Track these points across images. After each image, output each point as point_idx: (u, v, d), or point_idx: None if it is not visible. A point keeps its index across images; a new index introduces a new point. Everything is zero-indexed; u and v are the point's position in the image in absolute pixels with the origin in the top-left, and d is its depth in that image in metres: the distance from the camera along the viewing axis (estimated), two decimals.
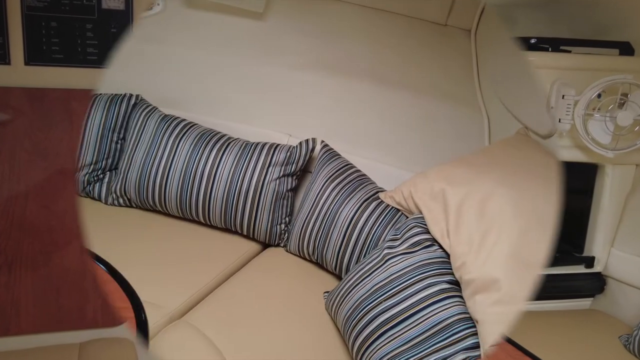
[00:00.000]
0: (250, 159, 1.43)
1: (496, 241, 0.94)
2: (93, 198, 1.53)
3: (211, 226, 1.52)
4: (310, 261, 1.45)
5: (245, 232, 1.49)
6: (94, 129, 1.50)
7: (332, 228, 1.33)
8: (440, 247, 1.04)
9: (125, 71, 1.61)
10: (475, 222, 0.99)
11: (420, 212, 1.14)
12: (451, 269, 0.99)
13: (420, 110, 1.52)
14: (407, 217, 1.25)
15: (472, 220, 1.00)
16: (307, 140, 1.48)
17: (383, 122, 1.56)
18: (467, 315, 0.91)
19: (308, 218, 1.39)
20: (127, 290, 0.88)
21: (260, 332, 1.12)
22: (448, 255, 1.02)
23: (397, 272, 1.02)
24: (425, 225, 1.09)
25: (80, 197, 1.53)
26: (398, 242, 1.09)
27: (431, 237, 1.06)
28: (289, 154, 1.46)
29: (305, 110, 1.61)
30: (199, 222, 1.52)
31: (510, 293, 0.86)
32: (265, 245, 1.54)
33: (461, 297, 0.95)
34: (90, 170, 1.51)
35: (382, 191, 1.37)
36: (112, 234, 1.38)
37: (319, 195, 1.38)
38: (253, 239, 1.51)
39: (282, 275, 1.36)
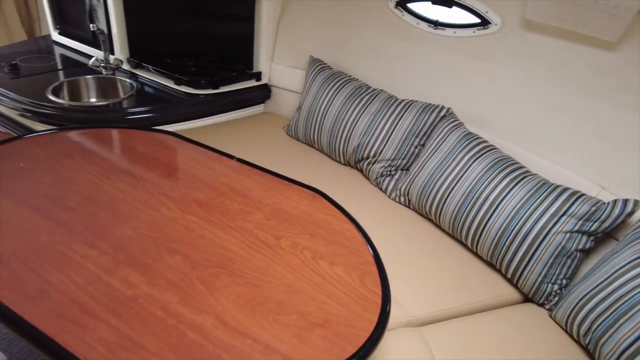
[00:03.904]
0: (544, 200, 1.28)
1: None
2: (380, 189, 1.72)
3: (476, 254, 1.45)
4: (578, 342, 1.19)
5: (509, 276, 1.35)
6: (402, 130, 1.65)
7: (625, 320, 1.04)
8: None
9: (445, 83, 1.71)
10: None
11: None
12: None
13: None
14: None
15: None
16: (625, 200, 1.20)
17: None
18: None
19: (593, 293, 1.14)
20: (383, 278, 0.95)
21: None
22: None
23: None
24: None
25: (372, 185, 1.75)
26: None
27: None
28: (594, 208, 1.22)
29: (633, 163, 1.30)
30: (465, 245, 1.48)
31: None
32: (527, 299, 1.36)
33: None
34: (386, 165, 1.69)
35: None
36: (385, 224, 1.51)
37: (619, 272, 1.11)
38: (515, 286, 1.36)
39: (536, 341, 1.17)
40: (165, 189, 1.15)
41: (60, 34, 2.36)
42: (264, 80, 2.16)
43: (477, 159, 1.43)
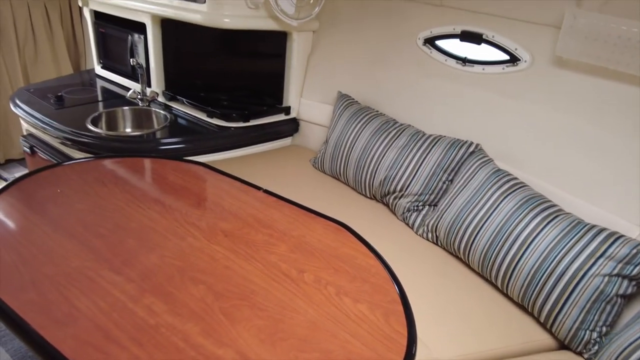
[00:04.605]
0: (579, 240, 1.22)
1: None
2: (407, 224, 1.69)
3: (507, 295, 1.39)
4: None
5: (542, 320, 1.28)
6: (429, 165, 1.64)
7: None
8: None
9: (474, 120, 1.69)
10: None
11: None
12: None
13: None
14: None
15: None
16: None
17: None
18: None
19: (638, 343, 1.06)
20: (408, 318, 0.92)
21: None
22: None
23: None
24: None
25: (398, 220, 1.72)
26: None
27: None
28: (635, 251, 1.16)
29: None
30: (494, 286, 1.42)
31: None
32: (563, 346, 1.29)
33: None
34: (413, 200, 1.67)
35: None
36: (411, 260, 1.47)
37: None
38: (549, 332, 1.29)
39: None
40: (193, 219, 1.17)
41: (102, 67, 2.51)
42: (292, 115, 2.20)
43: (507, 196, 1.39)
